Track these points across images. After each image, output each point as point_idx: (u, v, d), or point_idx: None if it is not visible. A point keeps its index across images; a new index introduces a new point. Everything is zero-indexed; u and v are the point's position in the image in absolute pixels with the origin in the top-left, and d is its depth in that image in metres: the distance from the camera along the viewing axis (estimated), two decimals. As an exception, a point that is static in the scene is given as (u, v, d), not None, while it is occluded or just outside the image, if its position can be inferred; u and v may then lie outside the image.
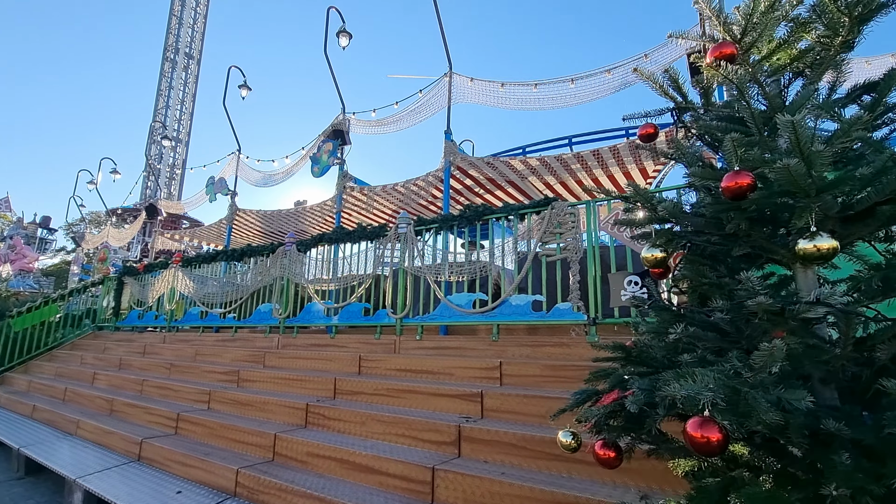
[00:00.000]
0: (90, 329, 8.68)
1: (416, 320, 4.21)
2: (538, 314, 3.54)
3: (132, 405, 4.62)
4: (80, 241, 12.52)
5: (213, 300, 6.21)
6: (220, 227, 9.12)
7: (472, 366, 3.45)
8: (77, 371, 6.46)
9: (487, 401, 2.99)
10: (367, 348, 4.47)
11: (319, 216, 8.07)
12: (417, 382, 3.46)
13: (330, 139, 6.68)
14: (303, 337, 5.12)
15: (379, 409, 3.30)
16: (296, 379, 4.10)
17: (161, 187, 34.89)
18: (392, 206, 7.33)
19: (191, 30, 41.31)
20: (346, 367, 4.17)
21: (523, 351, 3.55)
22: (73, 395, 5.56)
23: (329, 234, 4.96)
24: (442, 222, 4.17)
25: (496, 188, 6.65)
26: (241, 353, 5.16)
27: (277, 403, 3.73)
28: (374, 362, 4.00)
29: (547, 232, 3.58)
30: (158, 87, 39.12)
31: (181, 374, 5.22)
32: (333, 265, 5.10)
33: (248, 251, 5.79)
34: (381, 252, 4.52)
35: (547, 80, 5.17)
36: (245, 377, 4.52)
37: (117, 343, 7.26)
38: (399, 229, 4.42)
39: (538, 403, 2.81)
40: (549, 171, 5.71)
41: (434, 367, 3.63)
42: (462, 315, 3.92)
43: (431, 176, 6.14)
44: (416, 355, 3.92)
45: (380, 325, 4.44)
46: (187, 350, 5.84)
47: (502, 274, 4.71)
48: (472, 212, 3.98)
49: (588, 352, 3.32)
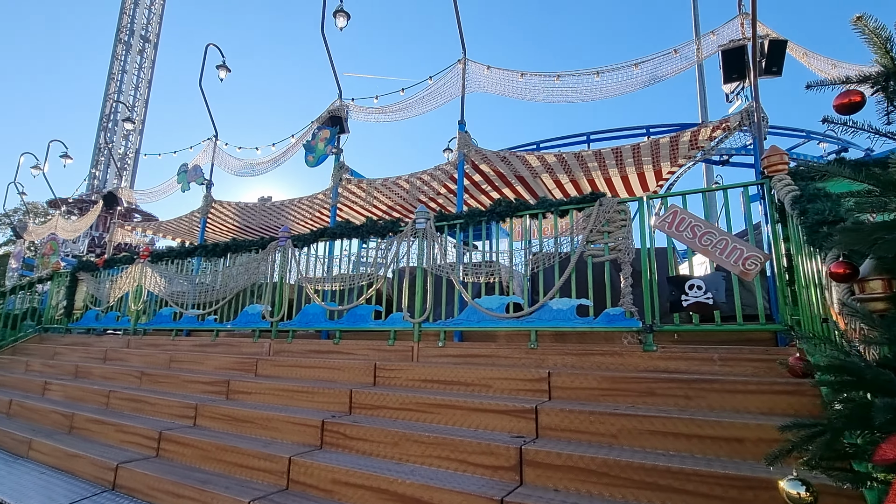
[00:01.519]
0: (34, 331, 7.74)
1: (438, 325, 3.83)
2: (584, 320, 3.26)
3: (98, 421, 4.00)
4: (22, 232, 11.28)
5: (190, 300, 5.58)
6: (193, 220, 8.34)
7: (512, 377, 3.12)
8: (22, 380, 5.65)
9: (543, 417, 2.66)
10: (379, 356, 4.05)
11: (307, 211, 7.50)
12: (450, 395, 3.09)
13: (326, 126, 6.17)
14: (299, 342, 4.62)
15: (410, 426, 2.90)
16: (300, 391, 3.63)
17: (113, 177, 32.55)
18: (389, 202, 6.88)
19: (147, 11, 38.92)
20: (358, 378, 3.74)
21: (567, 360, 3.25)
22: (21, 408, 4.82)
23: (332, 229, 4.50)
24: (469, 217, 3.82)
25: (504, 185, 6.36)
26: (227, 360, 4.61)
27: (284, 420, 3.26)
28: (393, 372, 3.59)
29: (593, 230, 3.30)
30: (110, 71, 36.55)
31: (156, 384, 4.60)
32: (336, 263, 4.64)
33: (234, 246, 5.22)
34: (396, 249, 4.12)
35: (571, 71, 4.95)
36: (237, 388, 4.00)
37: (70, 347, 6.44)
38: (417, 224, 4.04)
39: (606, 421, 2.51)
40: (564, 168, 5.48)
41: (467, 378, 3.27)
42: (494, 320, 3.58)
43: (440, 170, 5.76)
44: (441, 364, 3.54)
45: (394, 330, 4.04)
46: (159, 356, 5.20)
47: (511, 275, 4.42)
48: (506, 207, 3.65)
49: (645, 361, 3.07)
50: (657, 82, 4.76)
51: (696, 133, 4.71)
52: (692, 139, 4.79)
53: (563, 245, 3.44)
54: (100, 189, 33.25)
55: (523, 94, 5.24)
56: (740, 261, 2.81)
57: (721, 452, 2.22)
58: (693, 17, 12.27)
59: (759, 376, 2.65)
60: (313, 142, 6.23)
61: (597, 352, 3.17)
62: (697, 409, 2.54)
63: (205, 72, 7.68)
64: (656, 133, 5.35)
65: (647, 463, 2.13)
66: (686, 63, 4.63)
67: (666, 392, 2.65)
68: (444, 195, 6.65)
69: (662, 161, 5.29)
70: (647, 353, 3.01)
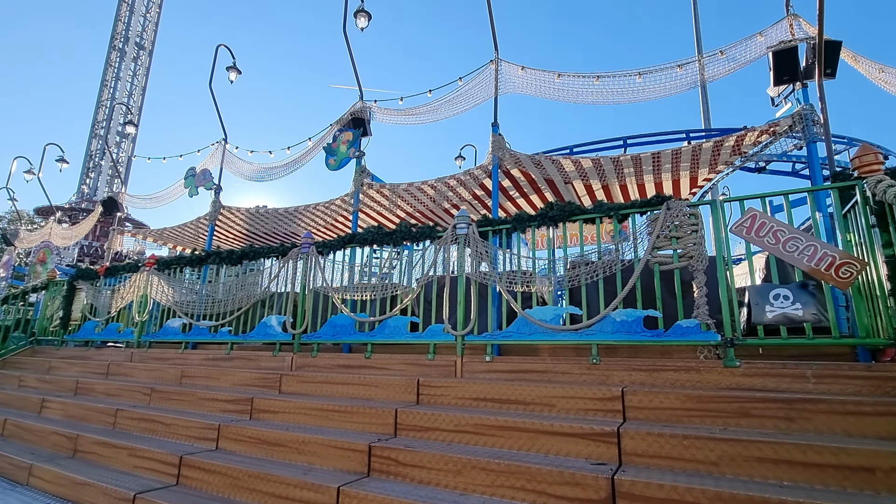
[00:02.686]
0: (25, 343, 7.31)
1: (484, 338, 3.56)
2: (652, 333, 3.01)
3: (106, 444, 3.65)
4: (14, 239, 10.81)
5: (202, 311, 5.24)
6: (199, 227, 8.00)
7: (578, 395, 2.85)
8: (16, 397, 5.26)
9: (627, 442, 2.39)
10: (418, 371, 3.76)
11: (322, 217, 7.20)
12: (510, 416, 2.81)
13: (349, 128, 5.92)
14: (325, 356, 4.32)
15: (470, 451, 2.62)
16: (335, 410, 3.32)
17: (104, 185, 31.94)
18: (409, 208, 6.61)
19: (143, 18, 38.66)
20: (399, 395, 3.45)
21: (636, 377, 2.99)
22: (16, 428, 4.44)
23: (362, 235, 4.23)
24: (516, 222, 3.58)
25: (533, 191, 6.14)
26: (246, 375, 4.29)
27: (322, 443, 2.96)
28: (438, 389, 3.31)
29: (661, 236, 3.07)
30: (103, 78, 36.10)
31: (168, 401, 4.25)
32: (361, 271, 4.36)
33: (251, 253, 4.92)
34: (435, 256, 3.86)
35: (611, 72, 4.78)
36: (261, 407, 3.68)
37: (67, 361, 6.05)
38: (458, 229, 3.79)
39: (703, 446, 2.25)
40: (598, 174, 5.29)
41: (525, 396, 3.00)
42: (548, 333, 3.32)
43: (469, 174, 5.52)
44: (490, 380, 3.27)
45: (433, 344, 3.76)
46: (169, 371, 4.85)
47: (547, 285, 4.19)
48: (559, 210, 3.42)
49: (727, 378, 2.81)
50: (705, 84, 4.61)
51: (741, 137, 4.55)
52: (736, 144, 4.63)
53: (625, 252, 3.21)
54: (90, 197, 32.60)
55: (560, 96, 5.06)
56: (832, 269, 2.59)
57: (847, 484, 1.97)
58: (694, 23, 12.39)
59: (868, 395, 2.42)
60: (334, 144, 5.97)
61: (669, 367, 2.92)
62: (803, 433, 2.29)
63: (214, 73, 7.44)
64: (696, 138, 5.20)
65: (771, 497, 1.87)
66: (733, 65, 4.48)
67: (763, 413, 2.40)
68: (467, 201, 6.42)
69: (701, 167, 5.12)
70: (729, 369, 2.77)
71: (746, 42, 4.54)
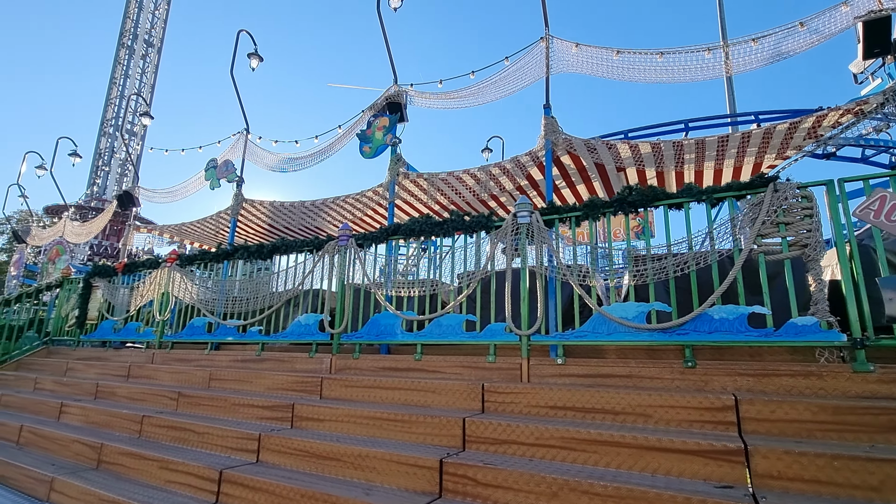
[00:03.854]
0: (40, 344, 7.06)
1: (553, 338, 3.22)
2: (759, 332, 2.65)
3: (134, 454, 3.34)
4: (25, 236, 10.62)
5: (229, 309, 4.94)
6: (220, 222, 7.70)
7: (678, 403, 2.49)
8: (31, 401, 4.98)
9: (759, 461, 2.03)
10: (476, 375, 3.42)
11: (352, 210, 6.87)
12: (599, 427, 2.46)
13: (384, 113, 5.60)
14: (368, 358, 3.99)
15: (561, 469, 2.27)
16: (390, 419, 2.99)
17: (113, 183, 31.89)
18: (444, 199, 6.26)
19: (151, 15, 38.62)
20: (460, 402, 3.10)
21: (741, 383, 2.63)
22: (34, 436, 4.15)
23: (408, 225, 3.89)
24: (589, 209, 3.22)
25: (581, 180, 5.78)
26: (282, 378, 3.97)
27: (381, 458, 2.63)
28: (507, 395, 2.96)
29: (766, 222, 2.71)
30: (112, 75, 36.09)
31: (197, 407, 3.95)
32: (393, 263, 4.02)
33: (283, 247, 4.60)
34: (493, 248, 3.52)
35: (676, 48, 4.40)
36: (304, 414, 3.36)
37: (84, 362, 5.78)
38: (519, 218, 3.44)
39: (861, 468, 1.89)
40: (656, 160, 4.92)
41: (612, 405, 2.64)
42: (630, 332, 2.97)
43: (515, 161, 5.16)
44: (565, 386, 2.91)
45: (493, 344, 3.41)
46: (195, 373, 4.54)
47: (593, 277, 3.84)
48: (639, 194, 3.06)
49: (858, 385, 2.43)
50: (782, 59, 4.23)
51: (820, 118, 4.17)
52: (814, 126, 4.25)
53: (722, 240, 2.84)
54: (100, 195, 32.59)
55: (618, 74, 4.70)
56: None
57: None
58: (718, 13, 11.94)
59: None
60: (369, 131, 5.64)
61: (783, 372, 2.55)
62: (980, 453, 1.92)
63: (235, 60, 7.13)
64: (766, 120, 4.82)
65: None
66: (816, 37, 4.10)
67: (921, 428, 2.04)
68: (508, 192, 6.07)
69: (769, 152, 4.74)
70: (860, 374, 2.40)
71: (830, 12, 4.15)
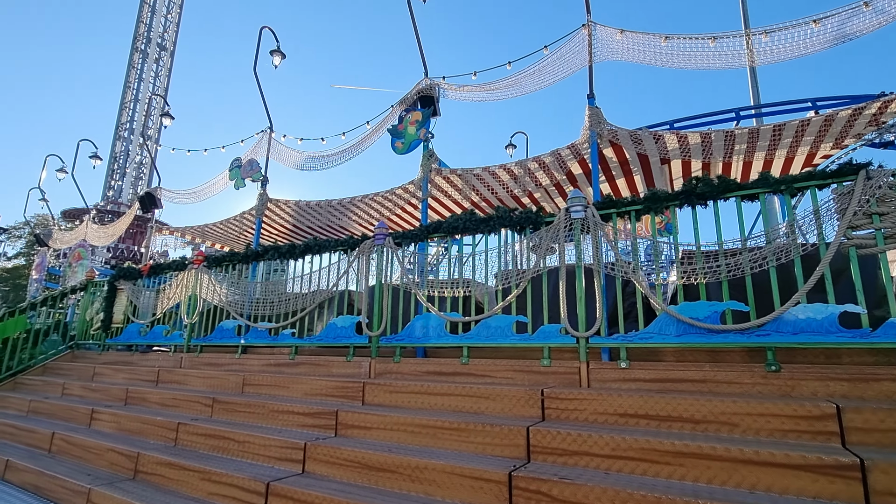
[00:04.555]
0: (65, 348, 7.02)
1: (616, 340, 3.02)
2: (854, 333, 2.43)
3: (172, 465, 3.22)
4: (48, 239, 10.66)
5: (260, 311, 4.81)
6: (244, 223, 7.61)
7: (767, 411, 2.29)
8: (61, 407, 4.90)
9: (878, 478, 1.83)
10: (529, 379, 3.24)
11: (379, 209, 6.72)
12: (681, 438, 2.27)
13: (416, 108, 5.44)
14: (409, 362, 3.83)
15: (647, 484, 2.09)
16: (444, 427, 2.82)
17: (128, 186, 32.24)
18: (475, 196, 6.08)
19: (164, 19, 39.02)
20: (517, 409, 2.92)
21: (834, 388, 2.42)
22: (66, 444, 4.06)
23: (450, 222, 3.73)
24: (650, 202, 3.03)
25: (622, 174, 5.57)
26: (320, 384, 3.82)
27: (441, 470, 2.46)
28: (570, 402, 2.78)
29: (858, 213, 2.49)
30: (126, 79, 36.54)
31: (233, 413, 3.82)
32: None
33: (315, 247, 4.46)
34: (544, 245, 3.33)
35: (730, 32, 4.17)
36: (348, 421, 3.20)
37: (111, 367, 5.70)
38: (573, 212, 3.25)
39: None
40: (704, 151, 4.70)
41: (690, 413, 2.44)
42: (702, 334, 2.76)
43: (556, 156, 4.95)
44: (632, 392, 2.72)
45: (547, 347, 3.23)
46: (228, 378, 4.42)
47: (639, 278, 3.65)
48: (708, 185, 2.85)
49: (976, 392, 2.23)
50: (845, 41, 3.99)
51: (885, 104, 3.92)
52: (879, 111, 4.00)
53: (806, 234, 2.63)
54: (115, 199, 32.98)
55: (666, 61, 4.47)
56: None
57: None
58: None
59: None
60: (401, 126, 5.49)
61: (883, 376, 2.34)
62: None
63: (258, 57, 7.03)
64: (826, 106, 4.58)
65: None
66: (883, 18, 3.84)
67: None
68: (543, 187, 5.88)
69: (826, 140, 4.49)
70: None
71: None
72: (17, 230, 36.70)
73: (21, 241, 35.09)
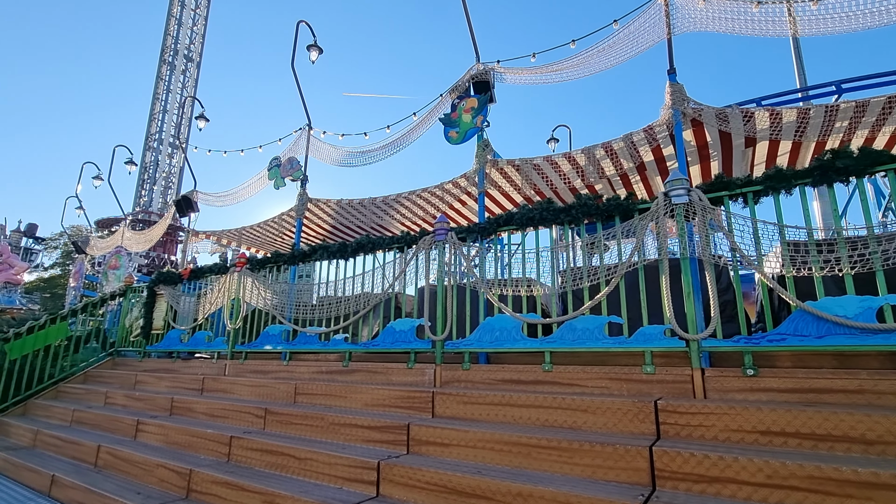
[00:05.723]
0: (105, 355, 6.92)
1: (737, 344, 2.60)
2: None
3: (228, 484, 2.93)
4: (85, 246, 10.76)
5: (308, 315, 4.53)
6: (282, 225, 7.43)
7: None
8: (105, 417, 4.72)
9: None
10: (632, 389, 2.84)
11: (424, 206, 6.43)
12: (852, 463, 1.84)
13: (472, 94, 5.11)
14: (480, 369, 3.47)
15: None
16: (540, 445, 2.45)
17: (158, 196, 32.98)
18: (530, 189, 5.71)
19: (190, 31, 39.97)
20: (623, 424, 2.53)
21: None
22: (112, 458, 3.83)
23: (525, 213, 3.36)
24: (776, 180, 2.60)
25: (698, 160, 5.11)
26: (382, 393, 3.50)
27: (549, 499, 2.08)
28: (691, 417, 2.37)
29: None
30: (155, 91, 37.53)
31: (288, 426, 3.52)
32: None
33: (368, 244, 4.16)
34: (640, 235, 2.93)
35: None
36: (422, 437, 2.86)
37: (153, 375, 5.52)
38: (674, 198, 2.85)
39: None
40: (798, 129, 4.22)
41: (860, 431, 2.01)
42: (853, 335, 2.32)
43: (627, 141, 4.54)
44: (764, 404, 2.30)
45: (649, 352, 2.83)
46: (278, 387, 4.15)
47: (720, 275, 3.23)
48: (851, 159, 2.41)
49: None
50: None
51: None
52: None
53: None
54: (146, 207, 33.78)
55: (759, 30, 4.03)
56: None
57: None
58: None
59: None
60: (454, 114, 5.16)
61: None
62: None
63: (296, 53, 6.83)
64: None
65: None
66: None
67: None
68: (607, 178, 5.47)
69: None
70: None
71: None
72: (54, 241, 37.97)
73: (57, 252, 36.25)
